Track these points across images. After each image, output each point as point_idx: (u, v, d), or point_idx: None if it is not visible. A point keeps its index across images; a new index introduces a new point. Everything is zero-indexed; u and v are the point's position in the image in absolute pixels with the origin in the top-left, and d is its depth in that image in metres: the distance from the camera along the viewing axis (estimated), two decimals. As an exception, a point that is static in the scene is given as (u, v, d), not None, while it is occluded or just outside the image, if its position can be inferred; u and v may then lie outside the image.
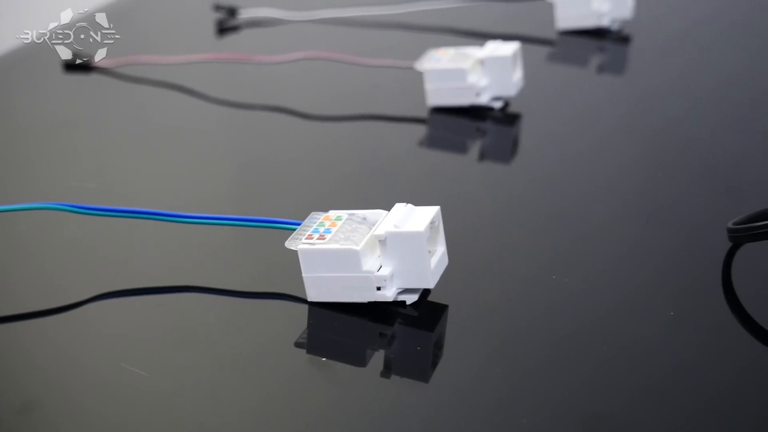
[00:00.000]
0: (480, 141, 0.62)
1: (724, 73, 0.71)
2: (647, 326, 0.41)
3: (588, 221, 0.51)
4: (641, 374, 0.39)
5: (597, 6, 0.75)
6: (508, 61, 0.61)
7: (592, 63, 0.75)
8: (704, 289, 0.44)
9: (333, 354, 0.41)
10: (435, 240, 0.42)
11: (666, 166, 0.57)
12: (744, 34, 0.78)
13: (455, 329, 0.42)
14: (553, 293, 0.44)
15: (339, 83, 0.70)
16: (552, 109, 0.66)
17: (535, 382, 0.39)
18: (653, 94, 0.69)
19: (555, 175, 0.56)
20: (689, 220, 0.50)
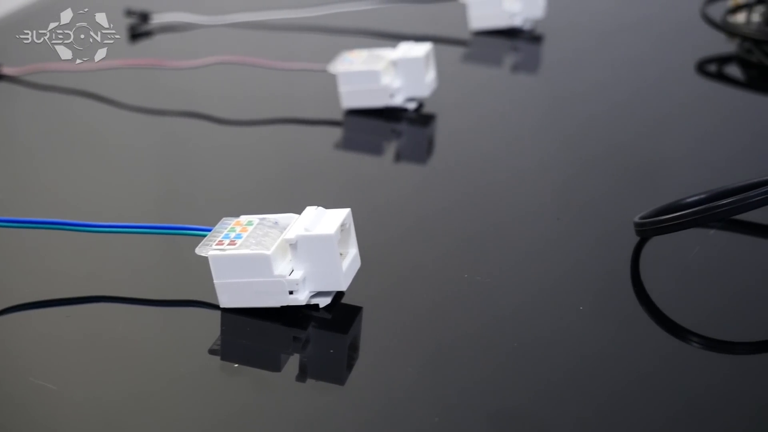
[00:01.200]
0: (395, 142, 0.62)
1: (636, 71, 0.72)
2: (557, 321, 0.42)
3: (501, 219, 0.52)
4: (551, 369, 0.39)
5: (509, 6, 0.76)
6: (420, 63, 0.61)
7: (505, 62, 0.76)
8: (613, 283, 0.45)
9: (247, 360, 0.41)
10: (346, 242, 0.42)
11: (579, 163, 0.58)
12: (655, 33, 0.80)
13: (370, 330, 0.42)
14: (465, 291, 0.44)
15: (254, 87, 0.70)
16: (467, 109, 0.66)
17: (447, 380, 0.39)
18: (566, 92, 0.70)
19: (470, 174, 0.57)
20: (601, 216, 0.51)
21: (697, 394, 0.38)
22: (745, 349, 0.41)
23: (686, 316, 0.42)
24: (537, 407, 0.37)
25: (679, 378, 0.39)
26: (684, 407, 0.37)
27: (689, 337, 0.41)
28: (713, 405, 0.37)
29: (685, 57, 0.72)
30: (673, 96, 0.68)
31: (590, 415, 0.37)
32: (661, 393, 0.38)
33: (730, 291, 0.44)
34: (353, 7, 0.76)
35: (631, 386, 0.38)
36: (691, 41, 0.75)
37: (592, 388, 0.38)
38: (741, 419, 0.37)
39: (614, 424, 0.37)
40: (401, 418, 0.37)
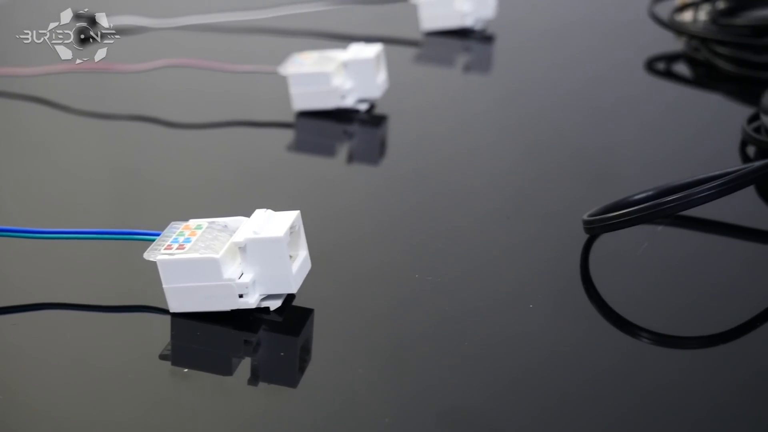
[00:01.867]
0: (347, 143, 0.62)
1: (586, 70, 0.73)
2: (507, 320, 0.42)
3: (453, 219, 0.52)
4: (502, 368, 0.39)
5: (460, 6, 0.76)
6: (370, 64, 0.61)
7: (457, 62, 0.76)
8: (563, 281, 0.45)
9: (198, 364, 0.41)
10: (296, 244, 0.42)
11: (531, 162, 0.58)
12: (604, 32, 0.81)
13: (321, 332, 0.42)
14: (416, 292, 0.44)
15: (204, 90, 0.69)
16: (419, 109, 0.67)
17: (398, 380, 0.39)
18: (518, 91, 0.70)
19: (423, 174, 0.57)
20: (552, 214, 0.52)
21: (648, 389, 0.38)
22: (695, 343, 0.41)
23: (636, 312, 0.43)
24: (488, 406, 0.37)
25: (630, 374, 0.39)
26: (636, 403, 0.38)
27: (639, 333, 0.42)
28: (665, 400, 0.38)
29: (634, 55, 0.73)
30: (623, 94, 0.69)
31: (541, 413, 0.37)
32: (612, 389, 0.38)
33: (679, 286, 0.45)
34: (304, 9, 0.76)
35: (582, 383, 0.39)
36: (639, 40, 0.76)
37: (542, 386, 0.39)
38: (693, 413, 0.37)
39: (566, 422, 0.37)
40: (352, 419, 0.37)
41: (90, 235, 0.44)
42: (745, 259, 0.48)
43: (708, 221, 0.49)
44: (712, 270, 0.46)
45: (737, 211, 0.50)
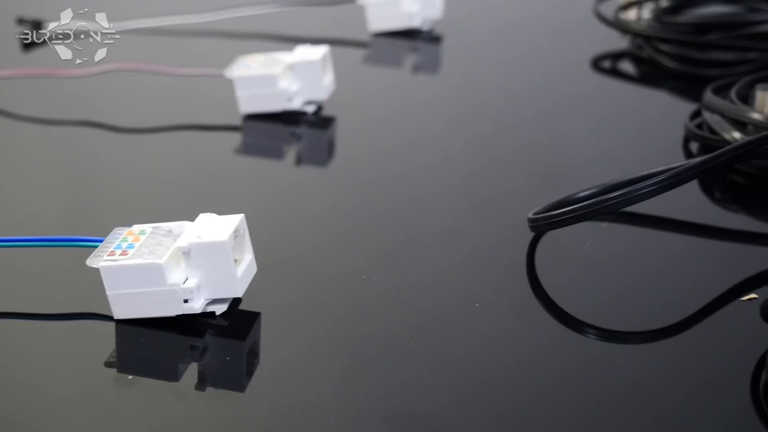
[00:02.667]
0: (295, 146, 0.62)
1: (533, 69, 0.73)
2: (453, 319, 0.42)
3: (401, 220, 0.52)
4: (448, 367, 0.40)
5: (407, 7, 0.76)
6: (317, 65, 0.61)
7: (406, 63, 0.76)
8: (510, 279, 0.46)
9: (145, 371, 0.40)
10: (241, 248, 0.42)
11: (479, 161, 0.59)
12: (550, 31, 0.82)
13: (269, 336, 0.42)
14: (363, 294, 0.44)
15: (151, 94, 0.69)
16: (367, 111, 0.67)
17: (345, 382, 0.39)
18: (466, 91, 0.71)
19: (371, 175, 0.57)
20: (499, 212, 0.52)
21: (595, 384, 0.39)
22: (641, 338, 0.42)
23: (582, 308, 0.43)
24: (435, 407, 0.38)
25: (577, 369, 0.40)
26: (583, 398, 0.38)
27: (585, 329, 0.42)
28: (612, 395, 0.38)
29: (581, 54, 0.74)
30: (570, 92, 0.69)
31: (488, 411, 0.37)
32: (559, 385, 0.39)
33: (623, 281, 0.45)
34: (251, 12, 0.76)
35: (529, 380, 0.39)
36: (585, 38, 0.77)
37: (489, 385, 0.39)
38: (639, 407, 0.37)
39: (513, 419, 0.37)
40: (298, 422, 0.37)
41: (33, 242, 0.43)
42: (688, 254, 0.48)
43: (652, 217, 0.50)
44: (657, 265, 0.47)
45: (681, 206, 0.51)
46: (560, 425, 0.37)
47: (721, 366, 0.39)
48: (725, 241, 0.49)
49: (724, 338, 0.41)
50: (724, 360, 0.40)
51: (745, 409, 0.37)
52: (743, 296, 0.43)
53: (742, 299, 0.42)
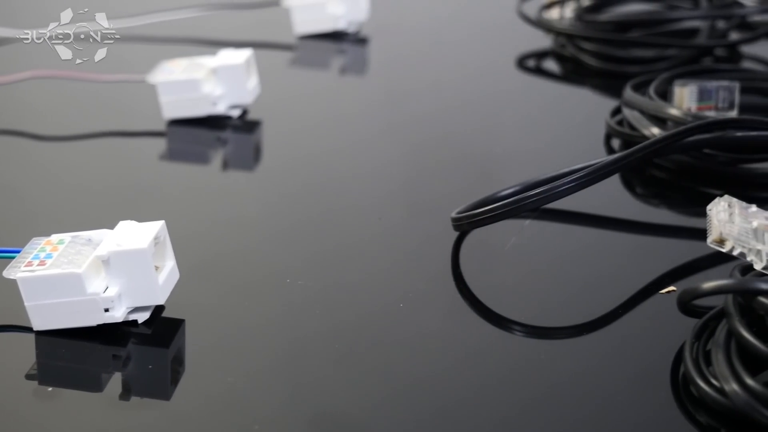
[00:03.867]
0: (221, 150, 0.61)
1: (459, 70, 0.74)
2: (378, 321, 0.42)
3: (327, 222, 0.52)
4: (373, 369, 0.40)
5: (332, 9, 0.76)
6: (240, 69, 0.60)
7: (333, 65, 0.76)
8: (435, 279, 0.46)
9: (66, 382, 0.40)
10: (162, 255, 0.42)
11: (407, 162, 0.59)
12: (475, 31, 0.82)
13: (194, 342, 0.41)
14: (288, 296, 0.44)
15: (72, 101, 0.68)
16: (294, 113, 0.66)
17: (270, 386, 0.39)
18: (395, 92, 0.71)
19: (298, 178, 0.57)
20: (425, 213, 0.52)
21: (520, 381, 0.39)
22: (564, 333, 0.42)
23: (507, 305, 0.43)
24: (360, 409, 0.38)
25: (503, 366, 0.40)
26: (509, 394, 0.38)
27: (511, 326, 0.42)
28: (537, 390, 0.38)
29: (505, 53, 0.75)
30: (496, 92, 0.70)
31: (413, 411, 0.38)
32: (486, 383, 0.39)
33: (547, 278, 0.46)
34: (174, 16, 0.75)
35: (455, 379, 0.39)
36: (509, 38, 0.77)
37: (414, 385, 0.39)
38: (563, 401, 0.38)
39: (440, 419, 0.37)
40: (224, 428, 0.37)
41: (-53, 255, 0.42)
42: (611, 249, 0.49)
43: (575, 213, 0.50)
44: (580, 260, 0.47)
45: (604, 202, 0.51)
46: (487, 422, 0.37)
47: (642, 359, 0.40)
48: (646, 235, 0.50)
49: (645, 331, 0.42)
50: (646, 353, 0.40)
51: (666, 400, 0.37)
52: (663, 289, 0.43)
53: (661, 292, 0.43)
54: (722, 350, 0.36)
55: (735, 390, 0.34)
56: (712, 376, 0.36)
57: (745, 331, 0.35)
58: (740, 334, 0.35)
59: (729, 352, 0.35)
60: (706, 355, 0.37)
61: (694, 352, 0.37)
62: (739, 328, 0.36)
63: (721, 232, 0.37)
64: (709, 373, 0.36)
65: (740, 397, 0.34)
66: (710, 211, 0.38)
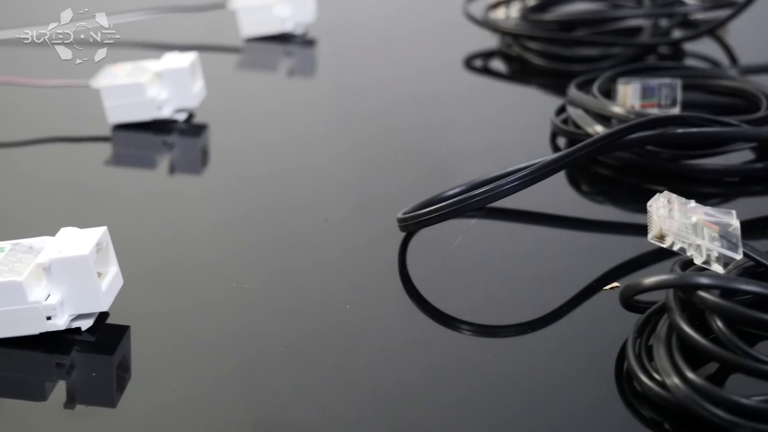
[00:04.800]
0: (168, 154, 0.61)
1: (408, 71, 0.74)
2: (325, 323, 0.42)
3: (274, 224, 0.52)
4: (320, 371, 0.40)
5: (279, 11, 0.76)
6: (185, 72, 0.60)
7: (280, 67, 0.76)
8: (381, 279, 0.46)
9: (9, 392, 0.39)
10: (105, 261, 0.41)
11: (355, 163, 0.59)
12: (423, 32, 0.82)
13: (140, 348, 0.41)
14: (233, 300, 0.44)
15: (14, 107, 0.67)
16: (242, 116, 0.66)
17: (215, 391, 0.39)
18: (344, 93, 0.71)
19: (246, 181, 0.57)
20: (372, 214, 0.52)
21: (467, 379, 0.39)
22: (510, 332, 0.42)
23: (454, 304, 0.44)
24: (306, 413, 0.37)
25: (450, 365, 0.40)
26: (455, 393, 0.38)
27: (458, 325, 0.43)
28: (485, 387, 0.39)
29: (453, 54, 0.75)
30: (444, 92, 0.70)
31: (361, 413, 0.38)
32: (432, 382, 0.39)
33: (493, 276, 0.46)
34: (119, 20, 0.74)
35: (403, 379, 0.39)
36: (456, 38, 0.78)
37: (362, 386, 0.39)
38: (509, 398, 0.38)
39: (387, 420, 0.37)
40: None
41: None
42: (556, 246, 0.49)
43: (521, 211, 0.51)
44: (526, 258, 0.48)
45: (550, 200, 0.52)
46: (433, 421, 0.37)
47: (587, 355, 0.40)
48: (591, 232, 0.51)
49: (590, 328, 0.42)
50: (590, 349, 0.41)
51: (611, 395, 0.37)
52: (607, 285, 0.44)
53: (605, 288, 0.44)
54: (663, 344, 0.36)
55: (676, 384, 0.34)
56: (654, 371, 0.36)
57: (686, 325, 0.36)
58: (681, 328, 0.36)
59: (670, 347, 0.36)
60: (649, 349, 0.37)
61: (637, 348, 0.38)
62: (680, 322, 0.36)
63: (661, 227, 0.38)
64: (652, 367, 0.36)
65: (681, 391, 0.34)
66: (650, 208, 0.38)
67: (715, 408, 0.34)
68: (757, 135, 0.51)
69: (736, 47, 0.74)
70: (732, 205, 0.52)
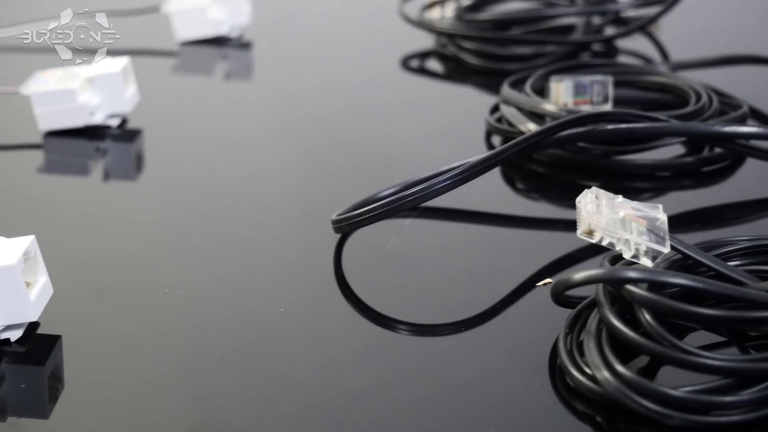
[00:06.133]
0: (101, 161, 0.60)
1: (345, 72, 0.74)
2: (259, 327, 0.42)
3: (210, 229, 0.51)
4: (254, 376, 0.39)
5: (213, 14, 0.75)
6: (117, 77, 0.59)
7: (217, 71, 0.75)
8: (317, 282, 0.46)
9: (-63, 408, 0.39)
10: (34, 271, 0.41)
11: (291, 166, 0.59)
12: (359, 32, 0.83)
13: (72, 358, 0.41)
14: (166, 306, 0.44)
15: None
16: (178, 120, 0.66)
17: (149, 398, 0.38)
18: (282, 95, 0.71)
19: (182, 186, 0.56)
20: (308, 216, 0.52)
21: (403, 378, 0.39)
22: (445, 330, 0.42)
23: (389, 304, 0.44)
24: (241, 418, 0.37)
25: (386, 366, 0.40)
26: (392, 392, 0.38)
27: (393, 325, 0.43)
28: (420, 387, 0.39)
29: (389, 54, 0.75)
30: (381, 93, 0.70)
31: (298, 417, 0.37)
32: (373, 383, 0.39)
33: (429, 275, 0.46)
34: (50, 25, 0.73)
35: (339, 381, 0.39)
36: (393, 39, 0.78)
37: (299, 390, 0.39)
38: (446, 397, 0.38)
39: (325, 422, 0.37)
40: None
41: None
42: (492, 244, 0.50)
43: (457, 210, 0.51)
44: (461, 257, 0.48)
45: (486, 198, 0.52)
46: (370, 421, 0.37)
47: (521, 351, 0.40)
48: (526, 229, 0.51)
49: (525, 324, 0.42)
50: (525, 345, 0.41)
51: (545, 390, 0.38)
52: (539, 282, 0.44)
53: (538, 285, 0.44)
54: (594, 339, 0.36)
55: (606, 377, 0.35)
56: (586, 365, 0.36)
57: (615, 319, 0.36)
58: (610, 322, 0.36)
59: (600, 341, 0.36)
60: (580, 344, 0.38)
61: (568, 343, 0.38)
62: (609, 316, 0.36)
63: (589, 223, 0.38)
64: (583, 362, 0.37)
65: (611, 384, 0.35)
66: (579, 204, 0.39)
67: (644, 400, 0.34)
68: (686, 130, 0.52)
69: (667, 44, 0.75)
70: (663, 199, 0.53)
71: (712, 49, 0.70)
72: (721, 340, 0.39)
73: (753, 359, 0.35)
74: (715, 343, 0.39)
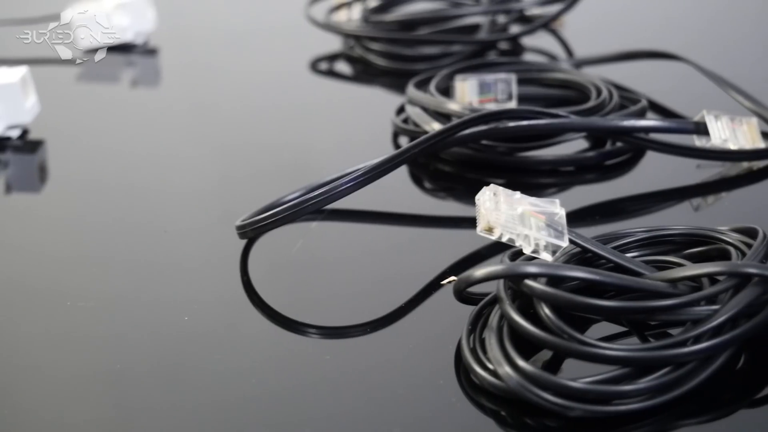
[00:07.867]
0: (2, 173, 0.59)
1: (255, 76, 0.73)
2: (163, 335, 0.42)
3: (113, 239, 0.50)
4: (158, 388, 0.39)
5: (117, 21, 0.74)
6: (16, 88, 0.58)
7: (122, 78, 0.74)
8: (223, 289, 0.45)
9: None
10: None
11: (199, 173, 0.58)
12: (267, 37, 0.82)
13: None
14: (68, 320, 0.43)
15: None
16: (82, 129, 0.65)
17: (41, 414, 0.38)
18: (191, 101, 0.70)
19: (88, 196, 0.56)
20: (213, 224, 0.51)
21: (313, 381, 0.39)
22: (352, 332, 0.42)
23: (296, 308, 0.43)
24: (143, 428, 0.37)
25: (296, 369, 0.40)
26: (300, 395, 0.38)
27: (300, 328, 0.42)
28: (326, 389, 0.39)
29: (298, 57, 0.75)
30: (290, 96, 0.70)
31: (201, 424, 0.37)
32: (277, 387, 0.39)
33: (335, 277, 0.46)
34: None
35: (246, 386, 0.39)
36: (300, 42, 0.78)
37: (205, 398, 0.38)
38: (353, 398, 0.38)
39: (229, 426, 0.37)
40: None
41: None
42: (399, 244, 0.50)
43: (364, 212, 0.51)
44: (368, 258, 0.48)
45: (394, 198, 0.52)
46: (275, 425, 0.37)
47: (428, 350, 0.41)
48: (432, 228, 0.51)
49: (429, 323, 0.42)
50: (431, 344, 0.41)
51: (452, 388, 0.38)
52: (444, 280, 0.44)
53: (443, 283, 0.44)
54: (495, 335, 0.37)
55: (507, 372, 0.35)
56: (488, 361, 0.37)
57: (515, 314, 0.37)
58: (511, 317, 0.37)
59: (501, 336, 0.37)
60: (483, 341, 0.38)
61: (471, 340, 0.38)
62: (510, 311, 0.37)
63: (488, 220, 0.38)
64: (486, 358, 0.37)
65: (512, 379, 0.35)
66: (478, 201, 0.39)
67: (545, 393, 0.35)
68: (586, 125, 0.53)
69: (571, 40, 0.76)
70: (568, 193, 0.53)
71: (614, 45, 0.71)
72: (623, 330, 0.39)
73: (649, 348, 0.35)
74: (616, 333, 0.39)
